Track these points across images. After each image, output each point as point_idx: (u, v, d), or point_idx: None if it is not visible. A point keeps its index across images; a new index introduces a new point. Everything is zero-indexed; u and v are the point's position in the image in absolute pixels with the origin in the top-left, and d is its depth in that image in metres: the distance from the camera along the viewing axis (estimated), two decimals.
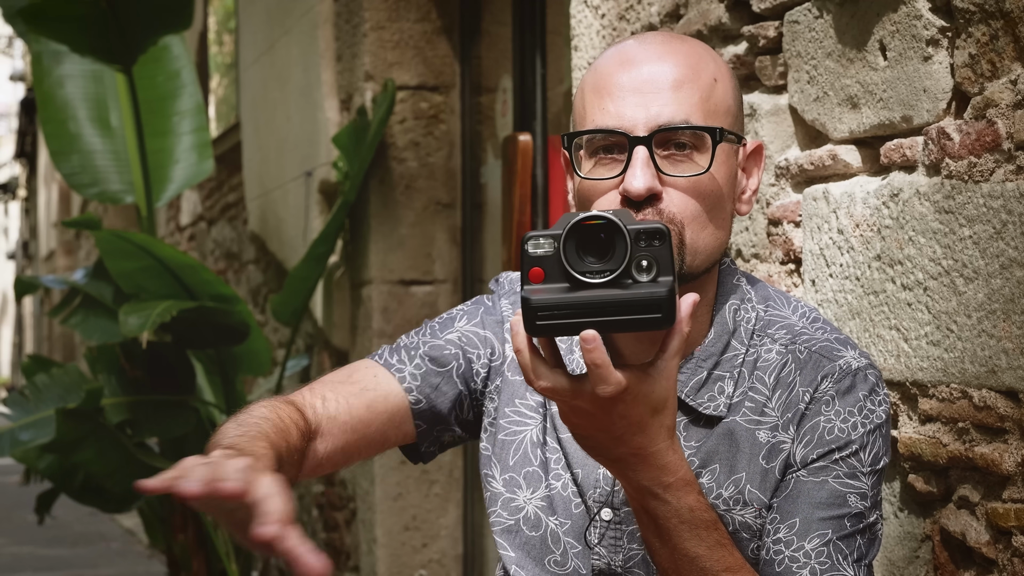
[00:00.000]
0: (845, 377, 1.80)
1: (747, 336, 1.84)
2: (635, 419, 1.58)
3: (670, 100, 1.77)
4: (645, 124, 1.77)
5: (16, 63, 27.59)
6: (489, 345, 1.94)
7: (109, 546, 9.03)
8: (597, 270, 1.53)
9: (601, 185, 1.79)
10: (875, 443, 1.79)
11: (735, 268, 1.89)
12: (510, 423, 1.91)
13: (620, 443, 1.60)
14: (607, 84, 1.80)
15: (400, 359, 1.92)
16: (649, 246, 1.54)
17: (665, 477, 1.63)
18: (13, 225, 32.73)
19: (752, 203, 1.88)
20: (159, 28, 5.30)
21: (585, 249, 1.54)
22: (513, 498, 1.89)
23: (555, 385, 1.57)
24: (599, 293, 1.52)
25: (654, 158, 1.76)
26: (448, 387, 1.92)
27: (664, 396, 1.59)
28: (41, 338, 23.03)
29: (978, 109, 2.20)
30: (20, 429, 5.19)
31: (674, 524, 1.65)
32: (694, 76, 1.79)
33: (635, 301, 1.52)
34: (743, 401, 1.82)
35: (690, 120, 1.77)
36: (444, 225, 5.39)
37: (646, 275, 1.53)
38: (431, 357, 1.92)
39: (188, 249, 9.32)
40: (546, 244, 1.55)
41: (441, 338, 1.94)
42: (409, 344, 1.94)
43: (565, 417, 1.62)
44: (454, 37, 5.38)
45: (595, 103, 1.80)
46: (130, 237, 5.05)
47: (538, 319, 1.52)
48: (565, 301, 1.52)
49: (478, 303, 1.99)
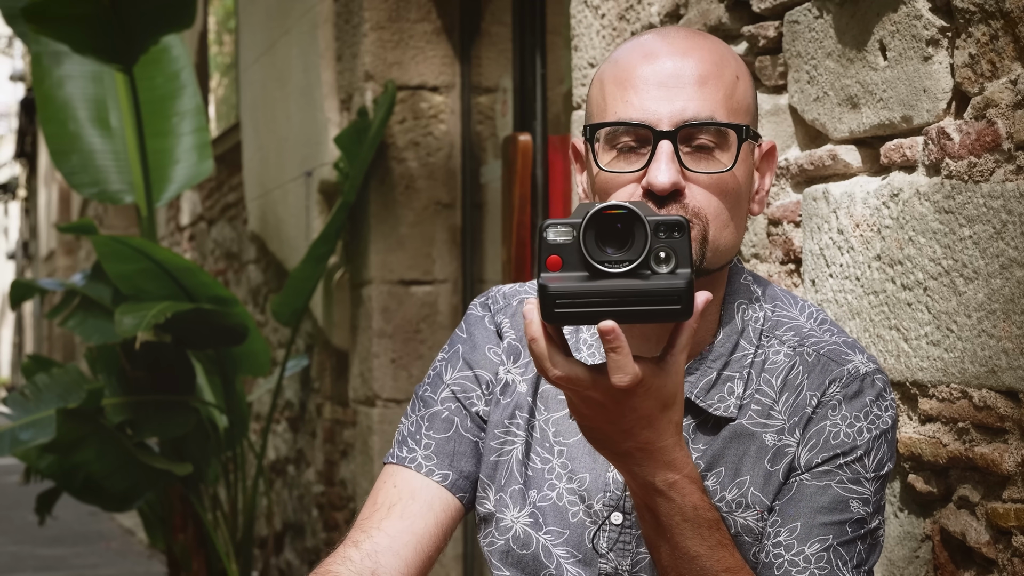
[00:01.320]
0: (853, 382, 1.80)
1: (755, 336, 1.84)
2: (645, 413, 1.58)
3: (695, 96, 1.76)
4: (670, 119, 1.75)
5: (16, 63, 27.59)
6: (483, 381, 1.92)
7: (109, 546, 9.03)
8: (616, 260, 1.52)
9: (621, 178, 1.77)
10: (880, 449, 1.78)
11: (742, 267, 1.88)
12: (500, 444, 1.90)
13: (628, 436, 1.60)
14: (630, 76, 1.78)
15: (411, 449, 1.91)
16: (669, 237, 1.53)
17: (670, 474, 1.62)
18: (13, 225, 32.73)
19: (764, 204, 1.87)
20: (161, 27, 5.30)
21: (604, 239, 1.53)
22: (502, 518, 1.88)
23: (571, 374, 1.56)
24: (618, 283, 1.52)
25: (678, 153, 1.75)
26: (463, 447, 1.91)
27: (673, 391, 1.58)
28: (41, 338, 23.03)
29: (978, 109, 2.20)
30: (20, 428, 5.19)
31: (677, 522, 1.65)
32: (718, 72, 1.78)
33: (654, 292, 1.51)
34: (750, 403, 1.81)
35: (715, 117, 1.76)
36: (444, 225, 5.39)
37: (665, 267, 1.52)
38: (434, 428, 1.91)
39: (188, 249, 9.32)
40: (565, 232, 1.54)
41: (437, 400, 1.93)
42: (413, 431, 1.93)
43: (574, 408, 1.61)
44: (454, 37, 5.38)
45: (617, 95, 1.78)
46: (127, 241, 5.06)
47: (556, 307, 1.51)
48: (584, 289, 1.51)
49: (453, 343, 1.97)
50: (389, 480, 1.90)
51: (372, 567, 1.80)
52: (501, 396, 1.91)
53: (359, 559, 1.81)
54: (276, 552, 6.83)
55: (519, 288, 1.97)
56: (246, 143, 7.44)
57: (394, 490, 1.88)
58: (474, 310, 1.98)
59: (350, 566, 1.80)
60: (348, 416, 5.72)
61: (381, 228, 5.36)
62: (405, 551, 1.83)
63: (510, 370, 1.91)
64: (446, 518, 1.88)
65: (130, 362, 5.35)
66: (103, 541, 9.20)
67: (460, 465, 1.90)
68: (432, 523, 1.86)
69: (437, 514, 1.87)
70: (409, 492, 1.87)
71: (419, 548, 1.84)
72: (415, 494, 1.87)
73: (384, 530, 1.84)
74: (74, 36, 5.24)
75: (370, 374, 5.37)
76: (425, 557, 1.85)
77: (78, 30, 5.18)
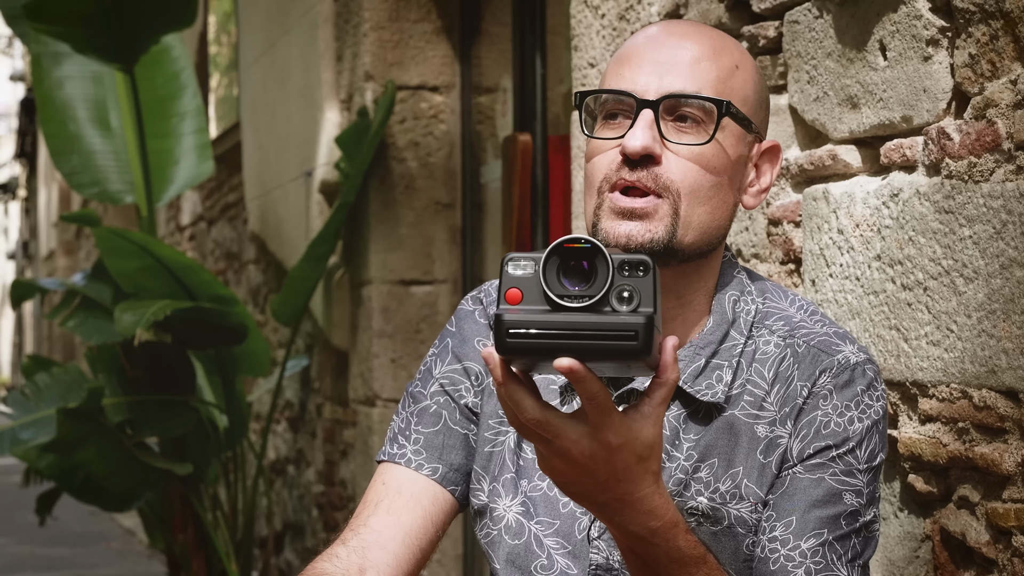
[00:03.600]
0: (843, 372, 1.80)
1: (746, 327, 1.84)
2: (621, 465, 1.55)
3: (685, 72, 1.78)
4: (656, 91, 1.77)
5: (16, 63, 27.59)
6: (472, 373, 1.92)
7: (109, 546, 9.03)
8: (576, 295, 1.48)
9: (604, 145, 1.79)
10: (871, 439, 1.79)
11: (736, 262, 1.89)
12: (494, 435, 1.90)
13: (605, 489, 1.57)
14: (629, 54, 1.81)
15: (401, 445, 1.91)
16: (632, 276, 1.49)
17: (652, 522, 1.61)
18: (13, 225, 32.73)
19: (760, 200, 1.87)
20: (162, 25, 5.30)
21: (566, 273, 1.50)
22: (495, 508, 1.88)
23: (544, 419, 1.52)
24: (574, 317, 1.47)
25: (659, 122, 1.76)
26: (453, 440, 1.91)
27: (650, 443, 1.55)
28: (41, 338, 23.03)
29: (978, 109, 2.20)
30: (21, 428, 5.19)
31: (663, 564, 1.64)
32: (714, 56, 1.79)
33: (611, 327, 1.46)
34: (742, 394, 1.81)
35: (701, 92, 1.77)
36: (444, 225, 5.39)
37: (626, 305, 1.48)
38: (423, 423, 1.91)
39: (188, 249, 9.32)
40: (526, 265, 1.51)
41: (426, 395, 1.93)
42: (403, 427, 1.92)
43: (547, 465, 1.57)
44: (454, 37, 5.38)
45: (615, 70, 1.81)
46: (129, 235, 5.06)
47: (508, 336, 1.47)
48: (538, 321, 1.47)
49: (443, 338, 1.97)
50: (379, 478, 1.90)
51: (359, 562, 1.80)
52: (494, 388, 1.91)
53: (346, 555, 1.81)
54: (276, 552, 6.83)
55: None
56: (246, 143, 7.44)
57: (383, 487, 1.88)
58: (464, 305, 1.98)
59: (337, 563, 1.80)
60: (348, 416, 5.72)
61: (381, 228, 5.36)
62: (392, 544, 1.82)
63: None
64: (436, 511, 1.88)
65: (130, 362, 5.35)
66: (103, 541, 9.20)
67: (450, 458, 1.90)
68: (420, 516, 1.86)
69: (426, 507, 1.87)
70: (396, 487, 1.88)
71: (407, 541, 1.84)
72: (402, 489, 1.87)
73: (370, 526, 1.84)
74: (74, 36, 5.25)
75: (370, 374, 5.37)
76: (415, 550, 1.84)
77: (78, 30, 5.18)
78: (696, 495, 1.79)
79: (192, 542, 5.71)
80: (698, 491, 1.79)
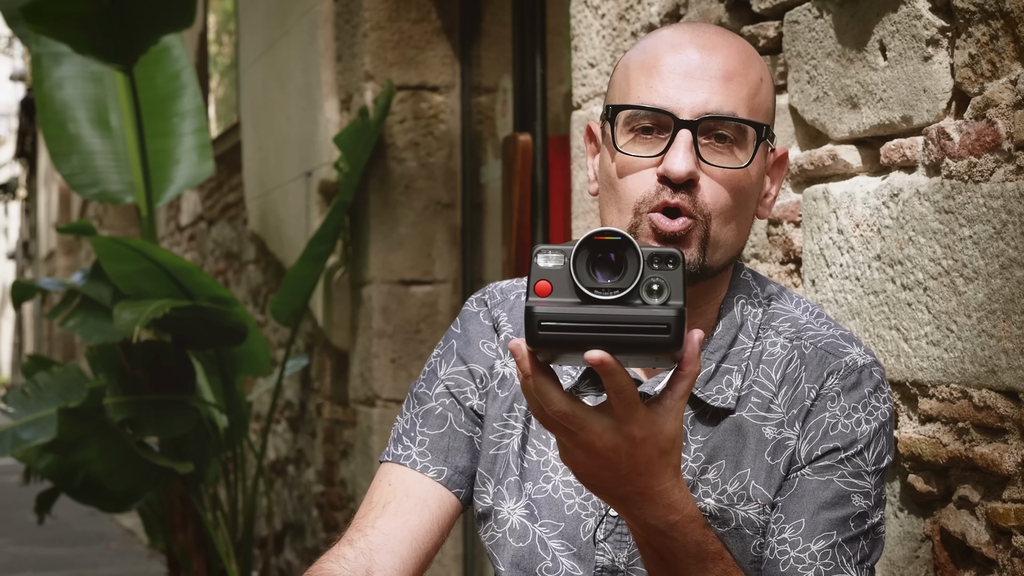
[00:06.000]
0: (851, 374, 1.80)
1: (754, 330, 1.84)
2: (643, 459, 1.55)
3: (719, 90, 1.76)
4: (691, 109, 1.75)
5: (16, 63, 27.59)
6: (477, 375, 1.92)
7: (109, 546, 9.03)
8: (606, 287, 1.49)
9: (639, 162, 1.77)
10: (879, 441, 1.79)
11: (742, 265, 1.89)
12: (498, 437, 1.89)
13: (626, 482, 1.57)
14: (655, 63, 1.78)
15: (406, 446, 1.90)
16: (662, 269, 1.49)
17: (671, 515, 1.61)
18: (13, 225, 32.73)
19: (771, 209, 1.87)
20: (161, 26, 5.30)
21: (596, 265, 1.50)
22: (500, 510, 1.88)
23: (571, 411, 1.52)
24: (606, 310, 1.48)
25: (696, 144, 1.75)
26: (458, 442, 1.90)
27: (672, 436, 1.55)
28: (41, 338, 23.02)
29: (978, 109, 2.20)
30: (21, 428, 5.19)
31: (680, 558, 1.64)
32: (744, 71, 1.78)
33: (643, 320, 1.47)
34: (749, 396, 1.81)
35: (736, 113, 1.76)
36: (444, 225, 5.39)
37: (656, 298, 1.49)
38: (428, 425, 1.91)
39: (188, 249, 9.32)
40: (555, 258, 1.51)
41: (431, 397, 1.92)
42: (407, 428, 1.92)
43: (568, 456, 1.57)
44: (454, 37, 5.38)
45: (641, 80, 1.78)
46: (126, 242, 5.06)
47: (540, 328, 1.47)
48: (570, 314, 1.47)
49: (447, 340, 1.96)
50: (384, 478, 1.90)
51: (367, 564, 1.80)
52: (499, 390, 1.91)
53: (353, 557, 1.81)
54: (276, 552, 6.83)
55: (516, 283, 1.97)
56: (246, 143, 7.44)
57: (389, 488, 1.88)
58: (469, 306, 1.97)
59: (344, 564, 1.80)
60: (348, 416, 5.72)
61: (381, 228, 5.36)
62: (400, 548, 1.82)
63: (507, 364, 1.91)
64: (442, 514, 1.88)
65: (130, 362, 5.35)
66: (103, 541, 9.20)
67: (455, 461, 1.89)
68: (427, 519, 1.86)
69: (432, 511, 1.87)
70: (404, 489, 1.87)
71: (415, 545, 1.84)
72: (409, 491, 1.87)
73: (379, 528, 1.83)
74: (74, 36, 5.25)
75: (370, 374, 5.37)
76: (422, 554, 1.84)
77: (78, 30, 5.18)
78: (704, 496, 1.79)
79: (192, 542, 5.71)
80: (705, 492, 1.79)
